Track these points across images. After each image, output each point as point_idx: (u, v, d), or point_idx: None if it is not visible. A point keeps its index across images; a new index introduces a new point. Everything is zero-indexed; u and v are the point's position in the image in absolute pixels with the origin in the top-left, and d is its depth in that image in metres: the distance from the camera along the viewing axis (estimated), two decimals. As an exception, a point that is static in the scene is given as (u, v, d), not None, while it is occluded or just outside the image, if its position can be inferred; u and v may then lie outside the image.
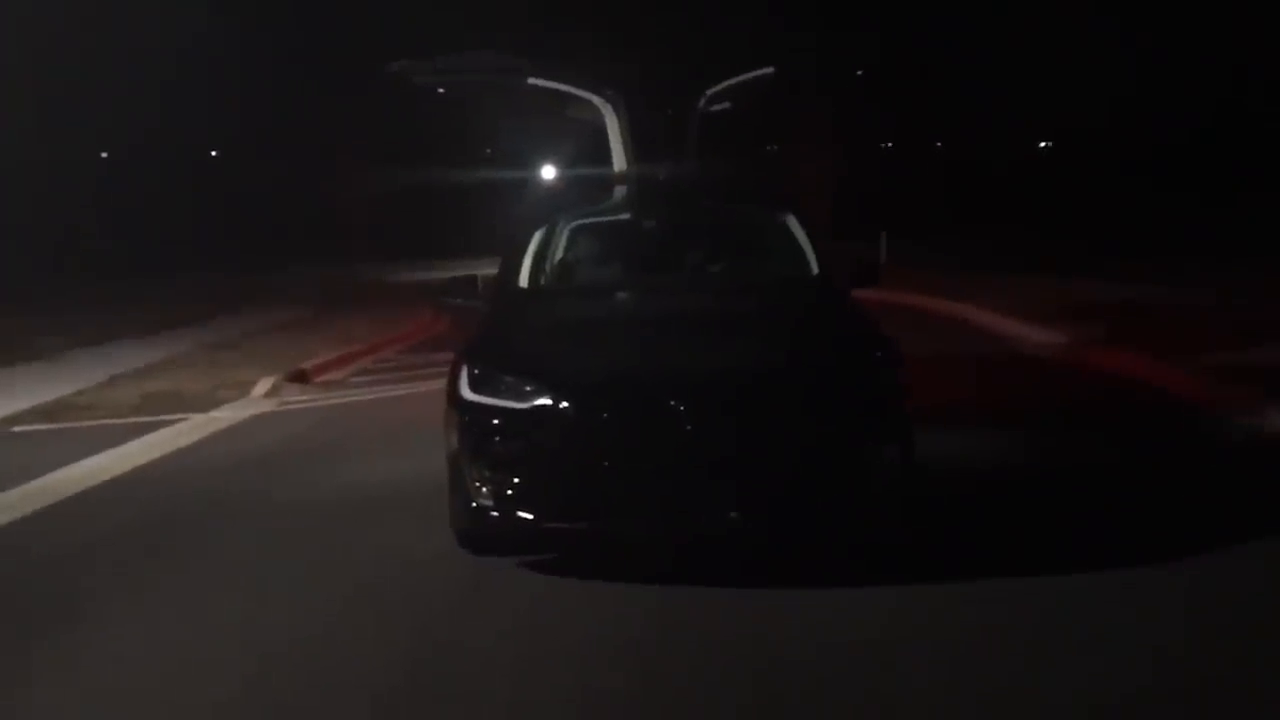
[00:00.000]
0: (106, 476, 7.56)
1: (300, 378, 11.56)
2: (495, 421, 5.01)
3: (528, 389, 4.99)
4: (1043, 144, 52.34)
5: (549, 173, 33.10)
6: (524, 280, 6.54)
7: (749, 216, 7.16)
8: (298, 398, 10.70)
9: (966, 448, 7.15)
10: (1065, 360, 11.04)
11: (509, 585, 5.11)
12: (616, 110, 8.00)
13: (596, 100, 8.04)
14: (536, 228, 6.85)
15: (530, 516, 4.97)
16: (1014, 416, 8.25)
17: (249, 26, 32.86)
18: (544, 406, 4.93)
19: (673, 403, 4.81)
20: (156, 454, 8.25)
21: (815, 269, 6.36)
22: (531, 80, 8.27)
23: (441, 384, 10.80)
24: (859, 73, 30.83)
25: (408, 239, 34.33)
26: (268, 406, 10.19)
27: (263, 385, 10.82)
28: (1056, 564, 5.06)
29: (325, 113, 37.25)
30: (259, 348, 13.51)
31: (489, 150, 43.50)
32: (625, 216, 7.29)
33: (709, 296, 6.14)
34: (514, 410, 4.97)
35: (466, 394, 5.14)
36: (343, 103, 36.11)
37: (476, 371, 5.19)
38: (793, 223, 6.65)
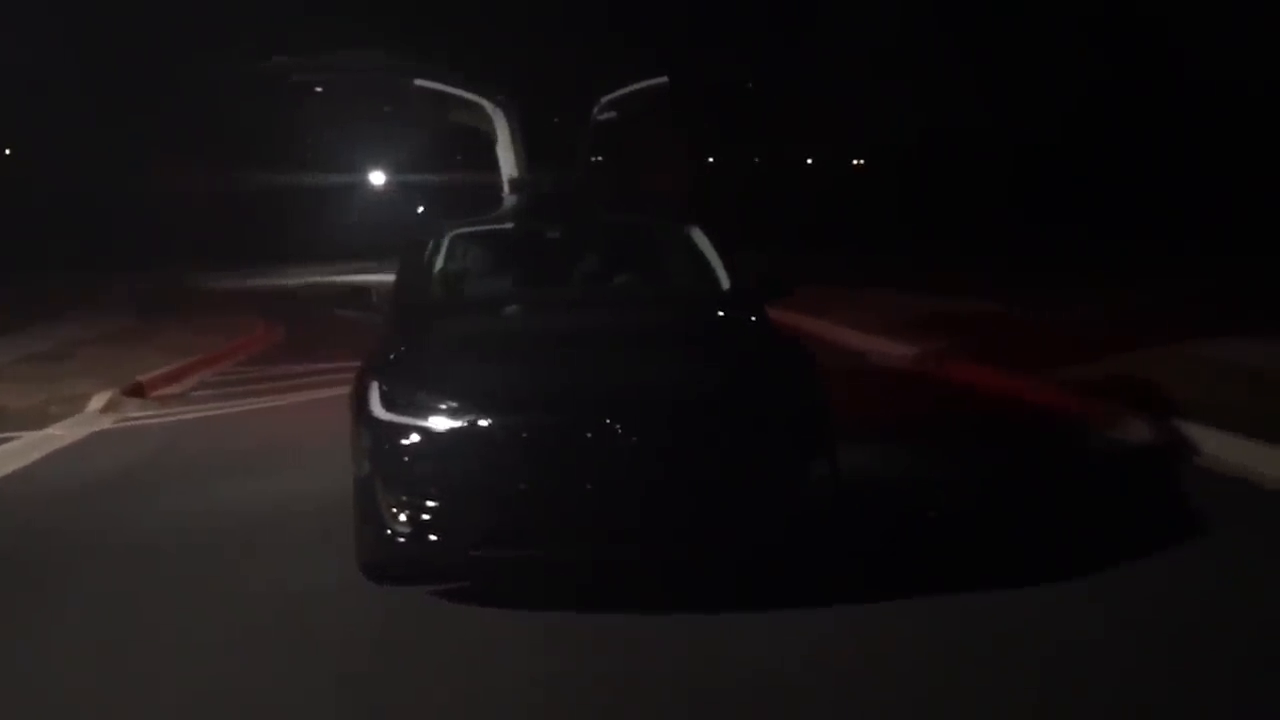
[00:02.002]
0: (-65, 504, 6.84)
1: (137, 392, 10.79)
2: (413, 442, 4.70)
3: (448, 406, 4.70)
4: (856, 161, 54.24)
5: (378, 178, 32.27)
6: (426, 292, 6.22)
7: (652, 228, 7.01)
8: (138, 414, 9.99)
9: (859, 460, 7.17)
10: (925, 373, 11.30)
11: (426, 618, 4.78)
12: (508, 116, 7.72)
13: (487, 105, 7.74)
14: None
15: (452, 543, 4.69)
16: (902, 429, 8.30)
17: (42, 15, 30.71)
18: (468, 425, 4.65)
19: (608, 421, 4.61)
20: (-13, 478, 7.52)
21: (727, 282, 6.25)
22: (419, 82, 7.91)
23: (293, 399, 10.64)
24: (749, 85, 31.45)
25: (229, 244, 32.84)
26: (106, 423, 9.46)
27: (98, 400, 10.04)
28: (981, 577, 5.08)
29: (133, 108, 35.15)
30: (86, 359, 12.57)
31: (308, 154, 42.03)
32: (526, 227, 7.03)
33: (624, 311, 5.94)
34: (434, 430, 4.67)
35: (379, 412, 4.80)
36: (153, 98, 34.19)
37: (387, 388, 4.86)
38: (698, 234, 6.51)
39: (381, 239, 35.56)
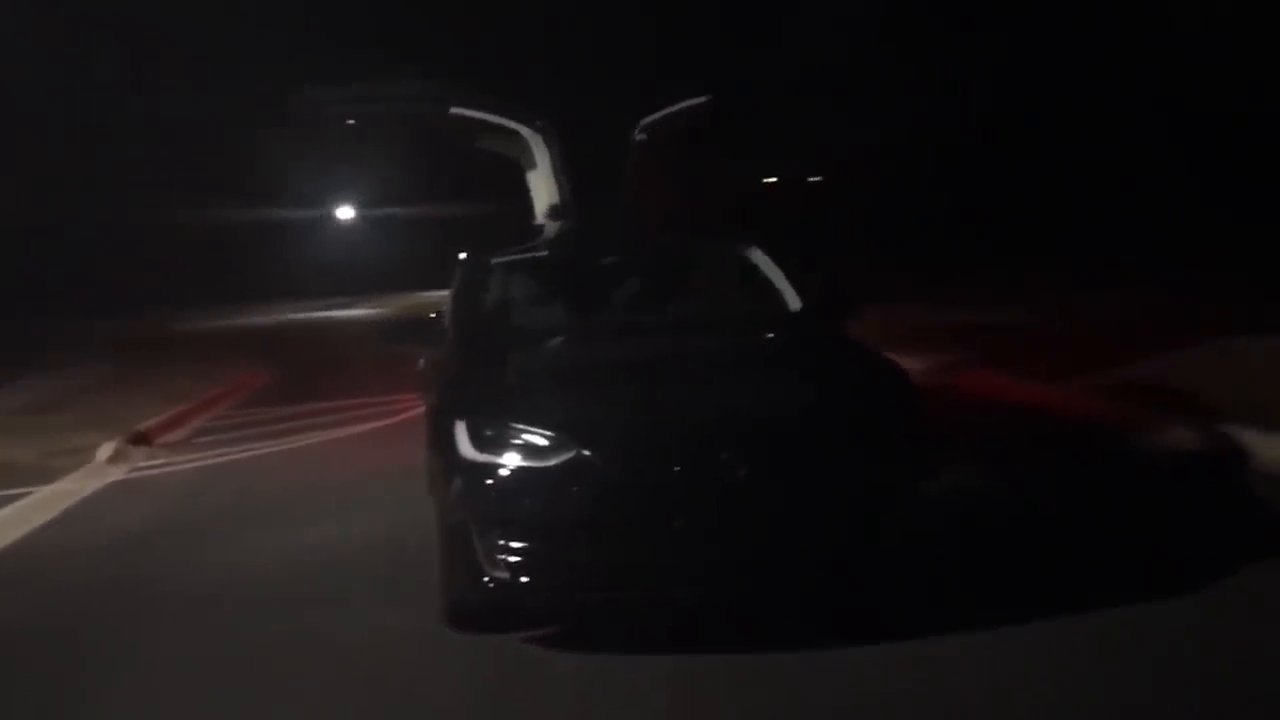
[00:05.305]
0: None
1: (141, 440, 10.42)
2: (511, 483, 4.43)
3: (544, 443, 4.44)
4: (812, 178, 54.39)
5: (347, 212, 31.75)
6: (488, 325, 5.95)
7: (710, 250, 6.79)
8: (146, 463, 9.63)
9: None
10: (937, 384, 11.16)
11: (517, 664, 4.51)
12: (549, 142, 7.45)
13: (525, 131, 7.47)
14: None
15: (552, 587, 4.44)
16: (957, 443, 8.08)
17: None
18: (571, 462, 4.38)
19: (714, 450, 4.36)
20: (13, 536, 7.14)
21: (797, 302, 6.03)
22: (455, 110, 7.64)
23: (300, 442, 10.31)
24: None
25: (202, 282, 32.22)
26: (117, 474, 9.11)
27: (104, 450, 9.67)
28: (1092, 595, 4.87)
29: (116, 144, 34.13)
30: (83, 408, 12.18)
31: (280, 187, 41.25)
32: (580, 252, 6.78)
33: (705, 335, 5.67)
34: (534, 469, 4.41)
35: (470, 454, 4.51)
36: (137, 134, 33.21)
37: (476, 427, 4.58)
38: (757, 254, 6.30)
39: (352, 276, 35.25)
